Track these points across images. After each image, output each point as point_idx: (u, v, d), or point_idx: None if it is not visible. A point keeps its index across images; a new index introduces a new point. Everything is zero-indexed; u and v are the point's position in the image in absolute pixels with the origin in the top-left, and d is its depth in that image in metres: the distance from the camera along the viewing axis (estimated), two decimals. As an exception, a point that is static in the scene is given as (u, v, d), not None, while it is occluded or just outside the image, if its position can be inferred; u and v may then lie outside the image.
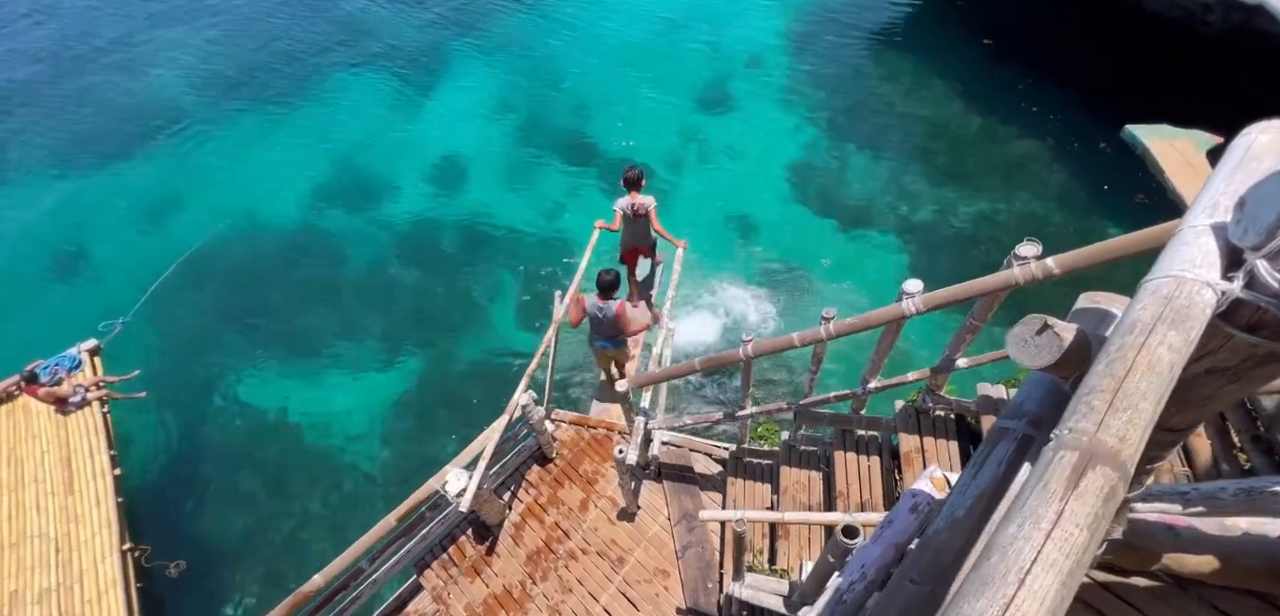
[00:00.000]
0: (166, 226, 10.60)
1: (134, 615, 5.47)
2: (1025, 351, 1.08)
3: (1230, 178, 0.84)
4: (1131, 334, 0.77)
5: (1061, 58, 11.46)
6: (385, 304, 9.27)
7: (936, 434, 3.86)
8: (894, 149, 10.62)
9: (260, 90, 13.22)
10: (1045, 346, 1.05)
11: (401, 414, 8.01)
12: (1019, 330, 1.12)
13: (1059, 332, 1.04)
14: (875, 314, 3.30)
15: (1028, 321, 1.10)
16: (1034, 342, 1.07)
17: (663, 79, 12.63)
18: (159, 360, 8.63)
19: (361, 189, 11.01)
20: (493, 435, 4.50)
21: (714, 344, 8.04)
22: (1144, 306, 0.79)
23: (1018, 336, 1.11)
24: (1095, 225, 8.80)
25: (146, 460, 7.73)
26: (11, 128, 13.14)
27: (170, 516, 7.17)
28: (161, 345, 8.85)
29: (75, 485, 6.23)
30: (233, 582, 6.63)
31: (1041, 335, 1.07)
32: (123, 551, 5.79)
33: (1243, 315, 0.78)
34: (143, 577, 6.02)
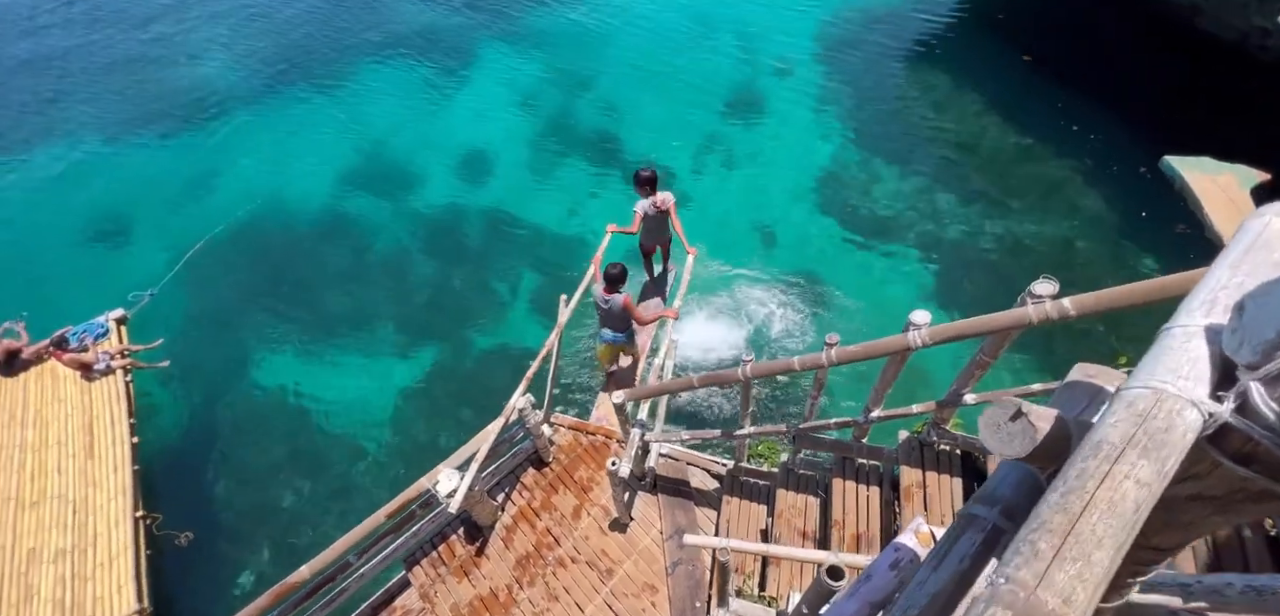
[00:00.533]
0: (200, 203, 10.87)
1: (142, 581, 5.58)
2: (997, 438, 0.95)
3: (1237, 267, 0.69)
4: (1094, 458, 0.63)
5: (1105, 76, 10.93)
6: (404, 292, 9.34)
7: (940, 468, 3.67)
8: (923, 164, 10.27)
9: (298, 75, 13.48)
10: (1018, 435, 0.92)
11: (413, 402, 8.06)
12: (992, 414, 0.98)
13: (1034, 422, 0.90)
14: (880, 344, 3.13)
15: (1001, 404, 0.97)
16: (1006, 430, 0.94)
17: (692, 83, 12.46)
18: (183, 333, 8.85)
19: (387, 177, 11.13)
20: (487, 437, 4.44)
21: (723, 356, 7.88)
22: (1115, 423, 0.65)
23: (990, 420, 0.98)
24: (1129, 255, 8.36)
25: (164, 429, 7.93)
26: (62, 92, 13.66)
27: (183, 486, 7.33)
28: (187, 318, 9.07)
29: (96, 450, 6.41)
30: (238, 557, 6.75)
31: (1015, 422, 0.93)
32: (136, 518, 5.93)
33: (1232, 443, 0.64)
34: (152, 545, 6.14)
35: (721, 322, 8.24)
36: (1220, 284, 0.68)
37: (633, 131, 11.61)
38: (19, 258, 10.25)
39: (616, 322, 5.26)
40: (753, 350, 7.64)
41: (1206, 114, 9.54)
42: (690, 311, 8.23)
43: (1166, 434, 0.62)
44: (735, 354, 7.82)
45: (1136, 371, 0.70)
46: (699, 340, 8.00)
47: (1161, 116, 9.89)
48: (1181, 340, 0.67)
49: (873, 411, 3.64)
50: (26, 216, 11.01)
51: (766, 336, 8.08)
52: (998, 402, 0.98)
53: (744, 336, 8.10)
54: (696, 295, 8.37)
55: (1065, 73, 11.17)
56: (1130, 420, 0.64)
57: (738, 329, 8.17)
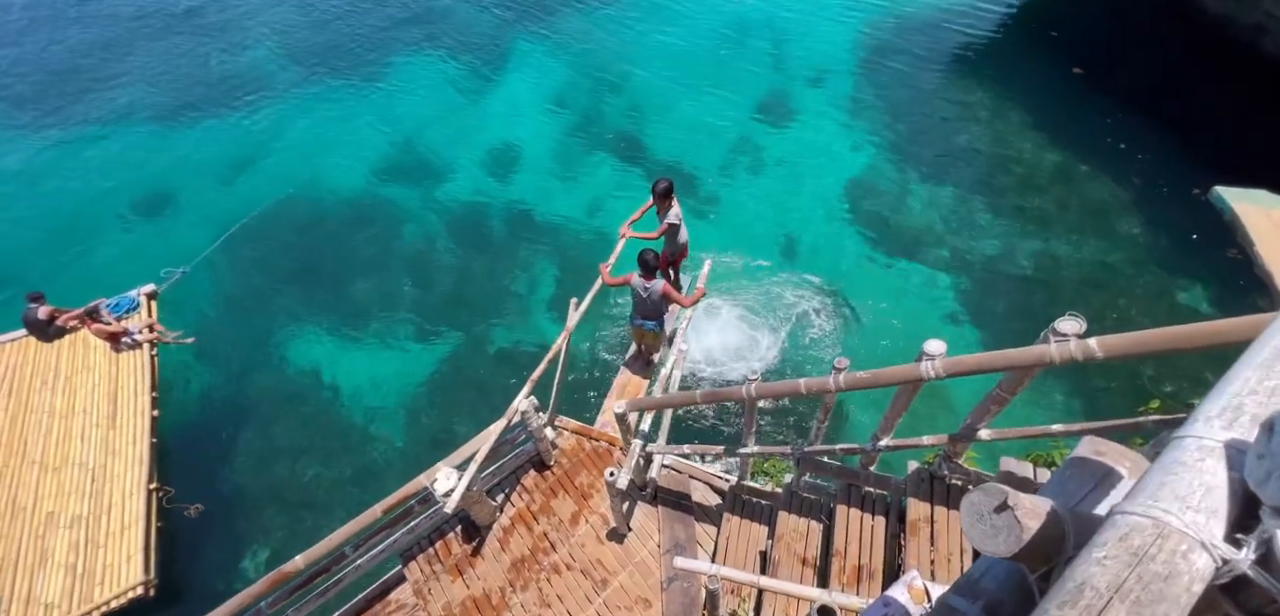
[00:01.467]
0: (238, 185, 11.18)
1: (150, 552, 5.72)
2: (979, 530, 0.80)
3: (1268, 369, 0.53)
4: (1074, 608, 0.48)
5: (1161, 96, 10.30)
6: (429, 282, 9.42)
7: (950, 504, 3.45)
8: (959, 178, 9.86)
9: (336, 68, 13.76)
10: (1002, 531, 0.77)
11: (432, 391, 8.11)
12: (976, 498, 0.83)
13: (1020, 519, 0.74)
14: (890, 372, 2.95)
15: (987, 491, 0.81)
16: (990, 522, 0.78)
17: (723, 87, 12.27)
18: (211, 311, 9.11)
19: (416, 170, 11.26)
20: (489, 436, 4.39)
21: (734, 368, 7.68)
22: (1103, 559, 0.51)
23: (973, 507, 0.82)
24: (1174, 282, 7.85)
25: (184, 404, 8.15)
26: (115, 72, 14.22)
27: (198, 460, 7.52)
28: (216, 297, 9.33)
29: (117, 420, 6.61)
30: (246, 534, 6.87)
31: (1000, 515, 0.77)
32: (149, 490, 6.08)
33: (1253, 598, 0.48)
34: (163, 517, 6.30)
35: (735, 331, 8.03)
36: (1248, 388, 0.53)
37: (660, 133, 11.48)
38: (66, 226, 10.70)
39: (654, 310, 5.27)
40: (759, 368, 7.46)
41: (1267, 142, 8.90)
42: (703, 319, 8.06)
43: (1166, 583, 0.47)
44: (747, 364, 7.62)
45: (1138, 488, 0.54)
46: (710, 348, 7.82)
47: (1218, 141, 9.28)
48: (1194, 456, 0.52)
49: (882, 439, 3.44)
50: (76, 186, 11.50)
51: (781, 349, 7.85)
52: (984, 487, 0.83)
53: (757, 347, 7.89)
54: (712, 302, 8.19)
55: (1118, 90, 10.58)
56: (1123, 559, 0.50)
57: (751, 338, 7.96)
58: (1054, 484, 1.13)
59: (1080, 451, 1.08)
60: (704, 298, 5.60)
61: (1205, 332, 2.00)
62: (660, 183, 5.42)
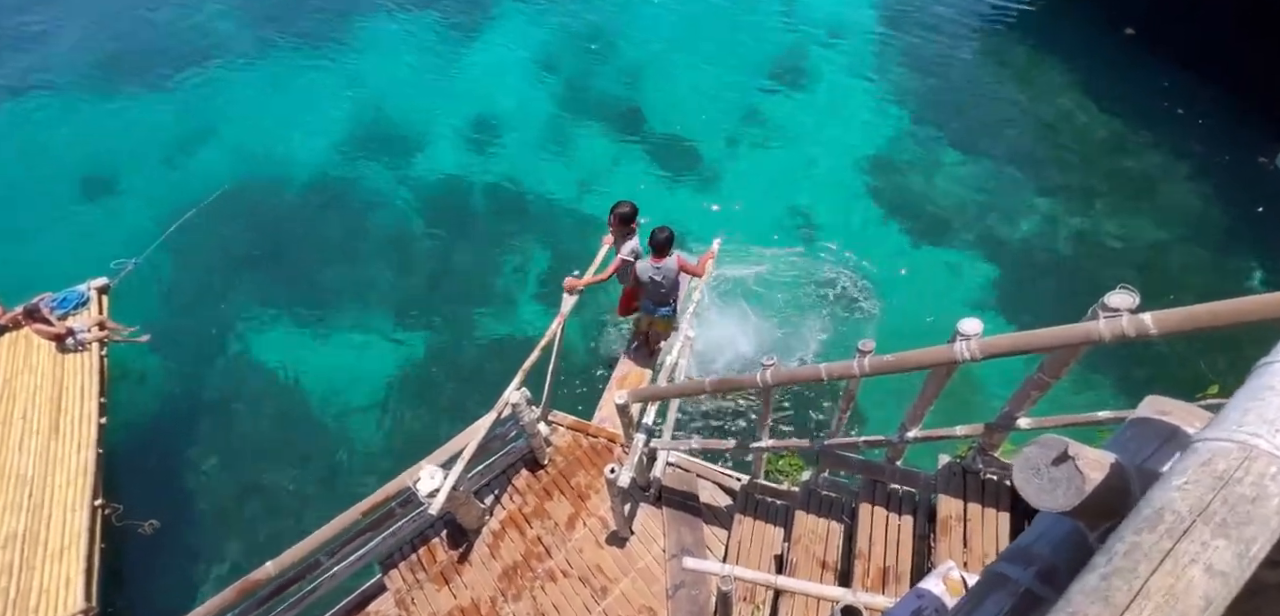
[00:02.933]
0: (192, 163, 11.15)
1: (93, 575, 5.65)
2: (1035, 485, 0.82)
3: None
4: (1152, 531, 0.51)
5: (1222, 54, 10.24)
6: (403, 268, 9.43)
7: (985, 500, 3.48)
8: (994, 148, 9.86)
9: (298, 27, 13.68)
10: (1061, 484, 0.79)
11: (409, 388, 8.13)
12: (1031, 453, 0.85)
13: (1082, 468, 0.76)
14: (921, 354, 2.97)
15: (1043, 443, 0.83)
16: (1047, 475, 0.80)
17: (730, 49, 12.22)
18: (164, 303, 9.12)
19: (390, 141, 11.23)
20: (476, 433, 4.41)
21: (748, 353, 7.70)
22: (1184, 485, 0.52)
23: (1028, 462, 0.84)
24: (1237, 262, 7.88)
25: (136, 408, 8.16)
26: (41, 29, 14.07)
27: (151, 470, 7.54)
28: (170, 289, 9.34)
29: (60, 427, 6.58)
30: (207, 550, 6.90)
31: (1058, 466, 0.79)
32: (94, 506, 6.02)
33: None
34: (110, 536, 6.24)
35: (745, 318, 8.05)
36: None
37: (660, 100, 11.45)
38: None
39: (669, 294, 5.35)
40: (775, 353, 7.46)
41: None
42: (707, 304, 8.07)
43: (1254, 505, 0.49)
44: (757, 353, 7.64)
45: (1220, 417, 0.56)
46: (719, 336, 7.84)
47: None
48: None
49: (910, 431, 3.47)
50: (5, 165, 11.40)
51: (796, 336, 7.86)
52: (1041, 440, 0.84)
53: (768, 335, 7.91)
54: (717, 285, 8.20)
55: (1175, 49, 10.52)
56: (1205, 483, 0.51)
57: (762, 326, 7.98)
58: (1113, 446, 1.14)
59: (1142, 412, 1.09)
60: (713, 266, 5.76)
61: (1267, 305, 2.01)
62: (622, 206, 5.25)
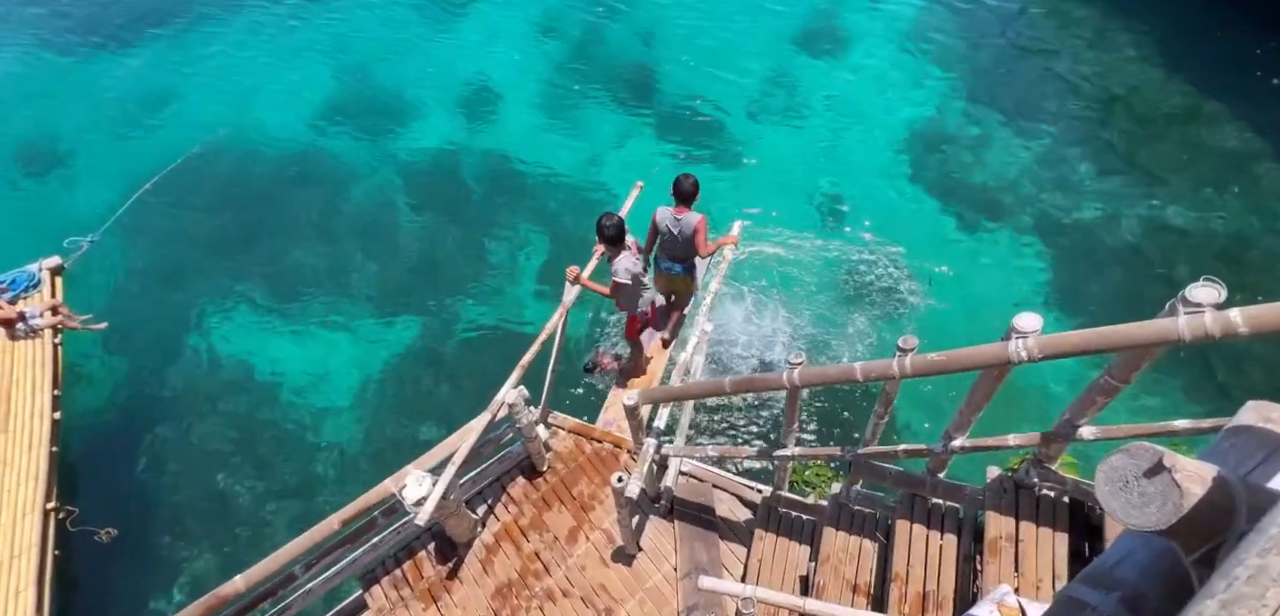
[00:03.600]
0: (151, 132, 11.28)
1: (46, 586, 5.75)
2: (1123, 499, 0.82)
3: None
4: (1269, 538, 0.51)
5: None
6: (389, 249, 9.51)
7: (1039, 520, 3.48)
8: (1052, 123, 9.78)
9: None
10: (1156, 498, 0.79)
11: (394, 385, 8.21)
12: (1119, 463, 0.85)
13: (1180, 482, 0.77)
14: (970, 353, 2.95)
15: (1132, 453, 0.84)
16: (1139, 489, 0.81)
17: (754, 7, 12.16)
18: (123, 288, 9.24)
19: (375, 111, 11.31)
20: (469, 435, 4.44)
21: (766, 355, 7.72)
22: None
23: (1115, 473, 0.85)
24: (1332, 256, 7.77)
25: (94, 402, 8.28)
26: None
27: (110, 472, 7.65)
28: (129, 271, 9.47)
29: (10, 424, 6.70)
30: (171, 561, 7.01)
31: (1152, 479, 0.80)
32: (46, 510, 6.14)
33: None
34: (64, 543, 6.35)
35: (768, 311, 8.05)
36: None
37: (675, 67, 11.45)
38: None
39: (683, 248, 5.39)
40: (804, 350, 7.48)
41: None
42: (725, 294, 8.09)
43: None
44: (782, 352, 7.65)
45: None
46: (737, 330, 7.85)
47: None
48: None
49: (955, 439, 3.46)
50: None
51: (826, 332, 7.85)
52: (1130, 449, 0.85)
53: (796, 329, 7.91)
54: (738, 272, 8.21)
55: (1263, 7, 10.33)
56: None
57: (788, 320, 7.98)
58: (1210, 455, 1.14)
59: (1243, 419, 1.10)
60: (732, 252, 5.90)
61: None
62: (605, 222, 5.15)
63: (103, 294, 8.93)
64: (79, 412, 8.07)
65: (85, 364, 8.52)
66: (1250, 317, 2.16)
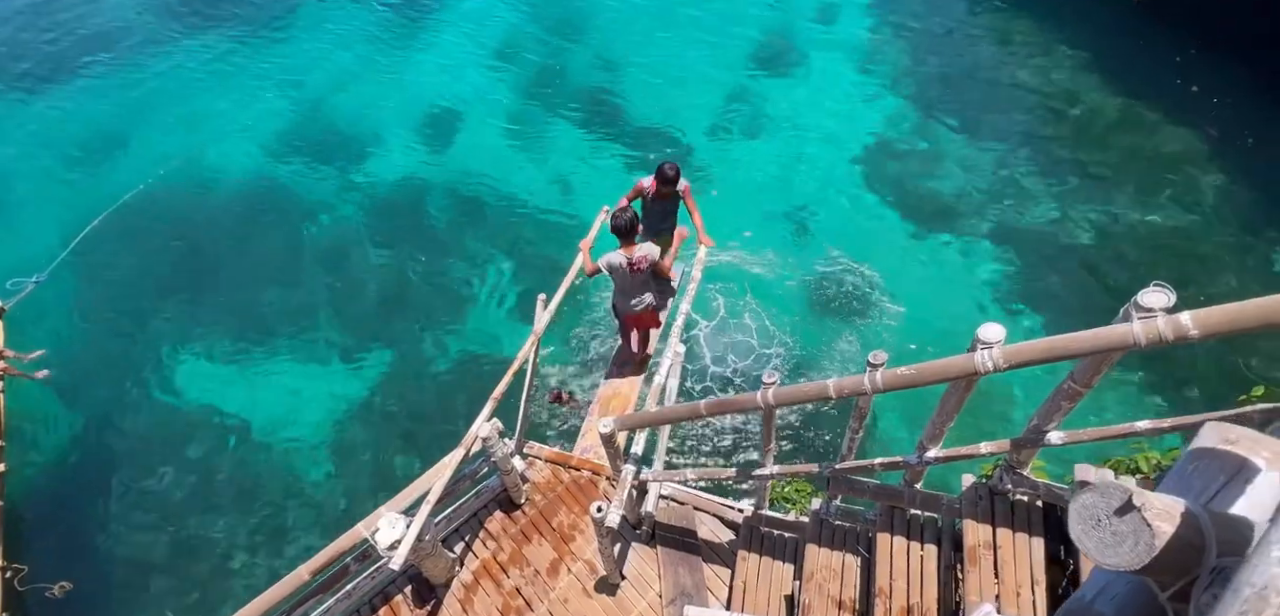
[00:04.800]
0: (99, 168, 10.90)
1: None
2: (1096, 539, 0.81)
3: None
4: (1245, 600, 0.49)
5: (1240, 23, 10.62)
6: (354, 282, 9.31)
7: (1015, 525, 3.52)
8: (1001, 132, 10.10)
9: (222, 13, 13.46)
10: (1128, 538, 0.78)
11: (362, 424, 8.00)
12: (1088, 501, 0.84)
13: (1151, 521, 0.76)
14: (939, 366, 2.99)
15: (1103, 490, 0.83)
16: (1111, 528, 0.80)
17: (710, 28, 12.36)
18: (71, 332, 8.84)
19: (333, 141, 11.10)
20: (443, 472, 4.34)
21: (739, 373, 7.76)
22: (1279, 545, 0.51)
23: (1087, 511, 0.84)
24: (1264, 247, 8.16)
25: (41, 453, 7.90)
26: None
27: (62, 526, 7.29)
28: (77, 313, 9.07)
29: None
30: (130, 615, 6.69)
31: (1123, 517, 0.79)
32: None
33: None
34: (12, 604, 6.04)
35: (738, 330, 8.10)
36: None
37: (636, 87, 11.52)
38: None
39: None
40: (777, 368, 7.54)
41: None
42: (696, 317, 8.12)
43: None
44: (754, 372, 7.69)
45: None
46: (709, 352, 7.87)
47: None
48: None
49: (929, 450, 3.50)
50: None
51: (796, 348, 7.93)
52: (1098, 486, 0.84)
53: (766, 348, 7.96)
54: (708, 295, 8.24)
55: (1187, 21, 10.89)
56: None
57: (759, 339, 8.04)
58: (1174, 480, 1.16)
59: (1204, 441, 1.10)
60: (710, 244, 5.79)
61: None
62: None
63: (49, 338, 8.52)
64: (27, 465, 7.69)
65: (32, 412, 8.11)
66: (1200, 320, 2.23)
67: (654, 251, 5.13)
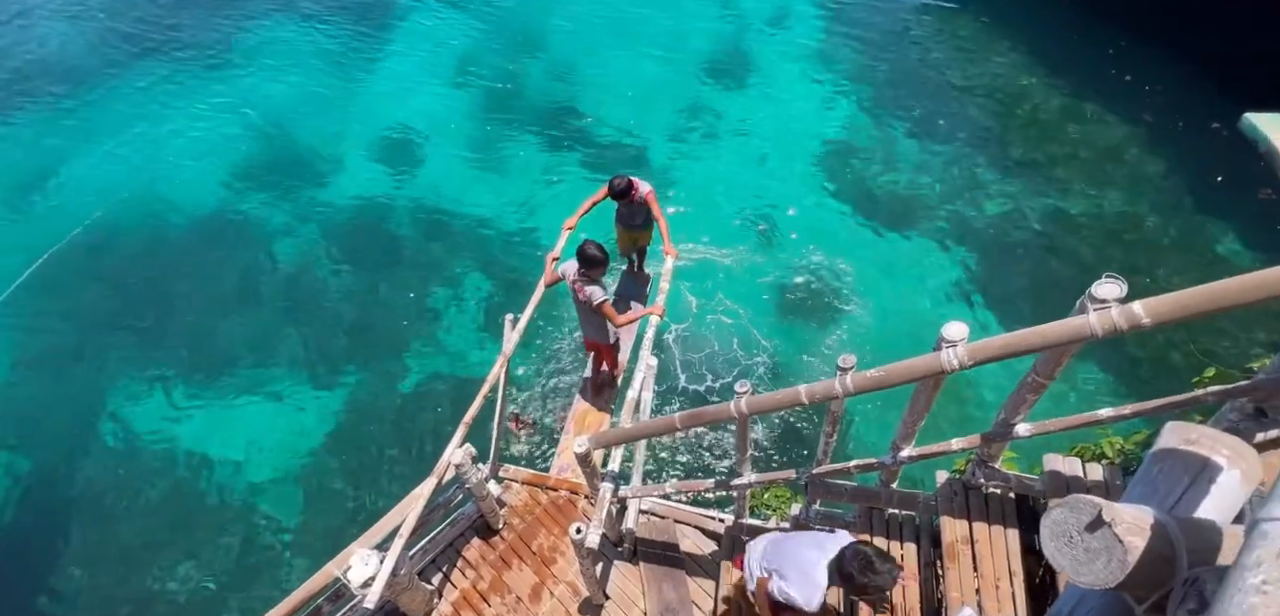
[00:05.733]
0: (44, 204, 10.45)
1: None
2: (1069, 556, 0.82)
3: None
4: None
5: (1168, 17, 11.12)
6: (317, 310, 9.08)
7: (990, 518, 3.59)
8: (952, 130, 10.36)
9: (168, 42, 13.11)
10: (1100, 555, 0.79)
11: (333, 451, 7.81)
12: (1059, 517, 0.85)
13: (1122, 536, 0.77)
14: (906, 367, 3.03)
15: (1073, 505, 0.84)
16: (1083, 545, 0.81)
17: (665, 39, 12.43)
18: (20, 373, 8.46)
19: (291, 167, 10.86)
20: (415, 504, 4.24)
21: (711, 381, 7.79)
22: (1262, 586, 0.52)
23: (1058, 528, 0.85)
24: (1204, 230, 8.51)
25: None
26: None
27: (10, 580, 6.96)
28: (23, 355, 8.68)
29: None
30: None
31: (1094, 533, 0.80)
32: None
33: None
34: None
35: (708, 340, 8.14)
36: None
37: (595, 100, 11.53)
38: None
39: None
40: (749, 376, 7.60)
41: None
42: (665, 326, 8.15)
43: None
44: (727, 379, 7.73)
45: (1273, 496, 0.57)
46: (680, 362, 7.90)
47: (1235, 65, 10.10)
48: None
49: (903, 450, 3.54)
50: None
51: (765, 354, 7.99)
52: (1068, 501, 0.85)
53: (737, 356, 8.01)
54: (677, 303, 8.27)
55: (1119, 14, 11.36)
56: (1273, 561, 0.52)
57: (728, 347, 8.08)
58: (1141, 487, 1.19)
59: (1166, 442, 1.13)
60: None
61: (1264, 283, 2.15)
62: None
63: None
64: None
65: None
66: (1151, 309, 2.30)
67: (596, 296, 4.91)
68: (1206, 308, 2.32)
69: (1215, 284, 2.21)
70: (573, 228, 5.60)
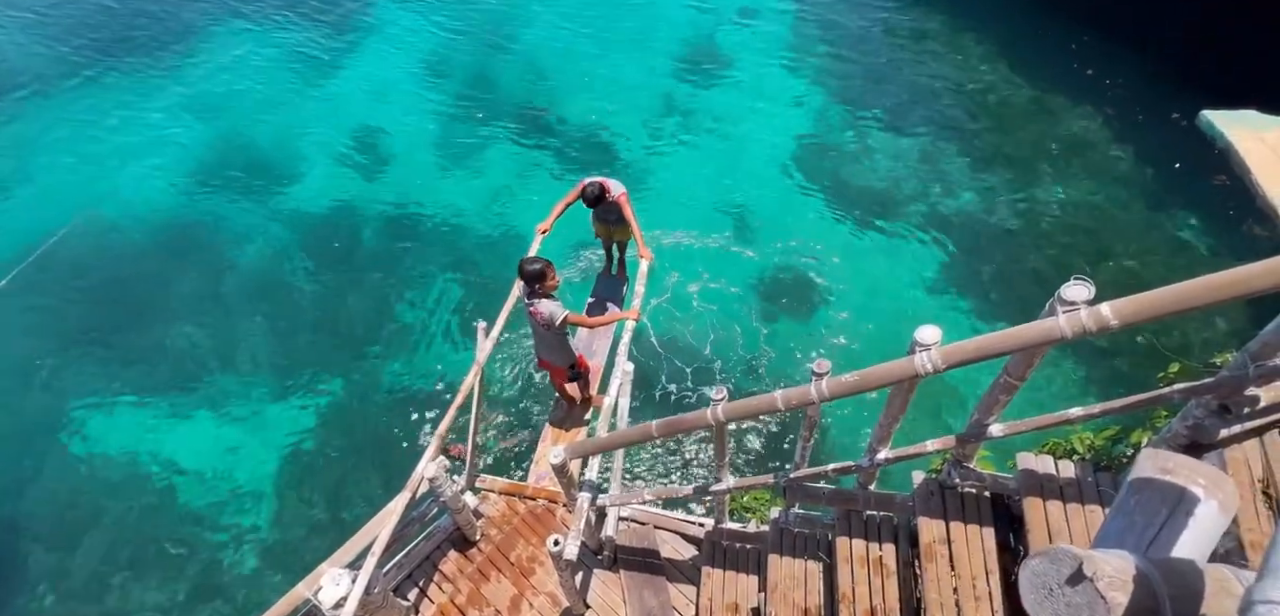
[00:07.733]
0: None
1: None
2: (1050, 608, 0.81)
3: None
4: None
5: (1125, 10, 11.39)
6: (286, 318, 8.89)
7: (966, 517, 3.62)
8: (923, 123, 10.49)
9: (125, 45, 12.74)
10: (1083, 609, 0.77)
11: (302, 464, 7.65)
12: (1038, 568, 0.84)
13: (1104, 592, 0.76)
14: (880, 371, 3.04)
15: (1052, 556, 0.82)
16: (1064, 599, 0.79)
17: (637, 36, 12.40)
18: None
19: (253, 171, 10.61)
20: (388, 519, 4.16)
21: (686, 383, 7.79)
22: None
23: (1037, 579, 0.83)
24: (1166, 217, 8.72)
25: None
26: None
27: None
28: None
29: None
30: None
31: (1076, 587, 0.79)
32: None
33: None
34: None
35: (683, 342, 8.13)
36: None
37: (567, 98, 11.46)
38: None
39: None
40: (724, 378, 7.61)
41: (1246, 54, 10.04)
42: (641, 328, 8.12)
43: None
44: (702, 383, 7.73)
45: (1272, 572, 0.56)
46: (655, 362, 7.89)
47: (1191, 57, 10.38)
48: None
49: (879, 452, 3.56)
50: None
51: (741, 355, 8.00)
52: (1047, 551, 0.84)
53: (711, 356, 8.01)
54: (651, 306, 8.25)
55: (1080, 8, 11.59)
56: None
57: (703, 348, 8.08)
58: (1119, 520, 1.19)
59: (1142, 471, 1.13)
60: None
61: (1227, 283, 2.18)
62: None
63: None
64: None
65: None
66: (1119, 311, 2.33)
67: (557, 314, 4.76)
68: (1172, 308, 2.36)
69: (1181, 285, 2.25)
70: (547, 231, 5.53)
